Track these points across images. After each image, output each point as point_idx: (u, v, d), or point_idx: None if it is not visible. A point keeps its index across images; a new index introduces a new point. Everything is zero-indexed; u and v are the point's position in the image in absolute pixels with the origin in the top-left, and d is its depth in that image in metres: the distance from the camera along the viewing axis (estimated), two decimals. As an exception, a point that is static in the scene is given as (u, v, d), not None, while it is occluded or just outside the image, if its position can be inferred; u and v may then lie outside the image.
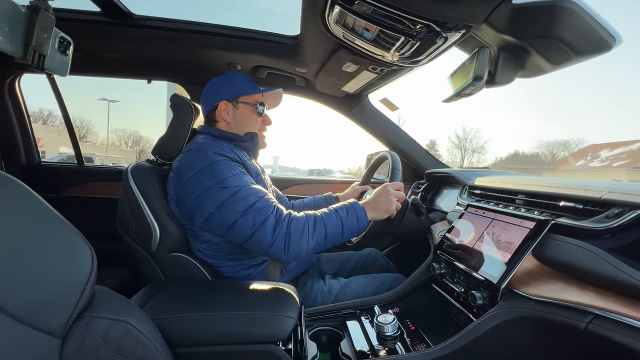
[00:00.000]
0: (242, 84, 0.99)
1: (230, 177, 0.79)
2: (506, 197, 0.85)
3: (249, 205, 0.76)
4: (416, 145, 1.62)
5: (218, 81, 1.00)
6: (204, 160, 0.81)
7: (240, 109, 0.98)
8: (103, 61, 1.34)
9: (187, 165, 0.82)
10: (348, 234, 0.82)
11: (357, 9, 0.73)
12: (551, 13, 0.63)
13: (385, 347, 0.71)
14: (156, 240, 0.82)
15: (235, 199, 0.76)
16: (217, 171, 0.79)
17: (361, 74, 1.16)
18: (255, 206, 0.76)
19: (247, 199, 0.77)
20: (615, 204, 0.55)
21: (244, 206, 0.76)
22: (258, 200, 0.77)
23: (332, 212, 0.83)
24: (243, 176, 0.82)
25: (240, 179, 0.80)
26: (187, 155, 0.86)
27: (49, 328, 0.40)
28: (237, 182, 0.79)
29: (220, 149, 0.85)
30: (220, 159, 0.82)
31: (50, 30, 0.57)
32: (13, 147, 1.57)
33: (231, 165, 0.82)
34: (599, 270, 0.50)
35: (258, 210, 0.76)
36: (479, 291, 0.67)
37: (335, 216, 0.81)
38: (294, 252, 0.76)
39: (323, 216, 0.81)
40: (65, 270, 0.42)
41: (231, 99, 0.97)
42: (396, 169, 1.02)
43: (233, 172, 0.80)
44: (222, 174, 0.79)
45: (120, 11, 1.04)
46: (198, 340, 0.62)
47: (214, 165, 0.80)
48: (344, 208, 0.84)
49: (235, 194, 0.77)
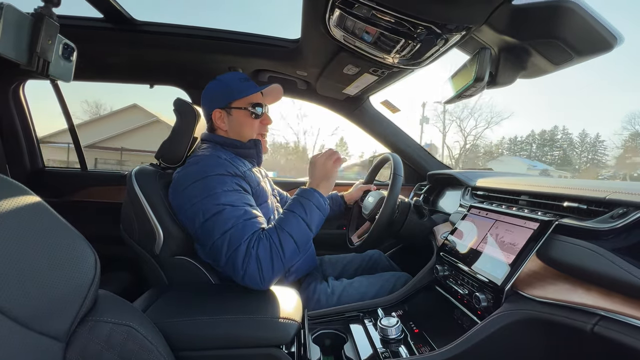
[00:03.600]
0: (232, 88, 0.95)
1: (219, 192, 0.77)
2: (509, 198, 0.84)
3: (228, 228, 0.73)
4: (418, 147, 1.62)
5: (210, 88, 0.97)
6: (198, 174, 0.80)
7: (234, 114, 0.95)
8: (106, 67, 1.35)
9: (183, 178, 0.82)
10: (316, 225, 0.80)
11: (357, 11, 0.74)
12: (551, 13, 0.63)
13: (389, 350, 0.71)
14: (160, 243, 0.82)
15: (217, 218, 0.74)
16: (208, 186, 0.78)
17: (362, 76, 1.17)
18: (232, 230, 0.73)
19: (228, 221, 0.74)
20: (620, 204, 0.54)
21: (223, 228, 0.73)
22: (239, 223, 0.74)
23: (289, 215, 0.78)
24: (234, 194, 0.79)
25: (230, 196, 0.78)
26: (186, 167, 0.85)
27: (52, 332, 0.40)
28: (225, 200, 0.76)
29: (217, 162, 0.83)
30: (214, 174, 0.80)
31: (54, 37, 0.58)
32: (17, 152, 1.59)
33: (224, 181, 0.80)
34: (604, 271, 0.50)
35: (233, 235, 0.73)
36: (483, 293, 0.67)
37: (294, 218, 0.77)
38: (270, 278, 0.72)
39: (284, 225, 0.76)
40: (68, 275, 0.42)
41: (223, 107, 0.95)
42: (397, 174, 1.01)
43: (224, 188, 0.78)
44: (213, 189, 0.77)
45: (122, 17, 1.05)
46: (201, 344, 0.62)
47: (206, 180, 0.78)
48: (298, 204, 0.80)
49: (218, 213, 0.74)
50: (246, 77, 0.98)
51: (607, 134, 35.87)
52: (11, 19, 0.51)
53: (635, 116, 24.50)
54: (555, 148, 33.23)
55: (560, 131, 33.63)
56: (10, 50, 0.51)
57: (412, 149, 1.61)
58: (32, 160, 1.63)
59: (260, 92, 0.98)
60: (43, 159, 1.69)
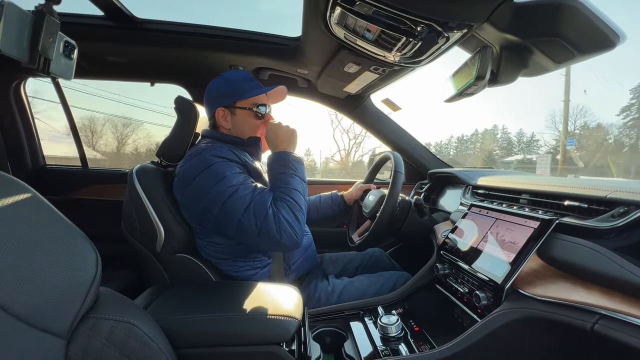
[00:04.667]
0: (238, 87, 0.96)
1: (228, 175, 0.80)
2: (510, 196, 0.84)
3: (248, 202, 0.78)
4: (419, 145, 1.62)
5: (214, 85, 0.98)
6: (203, 163, 0.82)
7: (238, 114, 0.96)
8: (107, 64, 1.35)
9: (188, 171, 0.83)
10: (305, 178, 0.88)
11: (358, 9, 0.73)
12: (553, 11, 0.63)
13: (389, 348, 0.71)
14: (161, 241, 0.83)
15: (235, 198, 0.78)
16: (215, 172, 0.80)
17: (363, 74, 1.16)
18: (252, 203, 0.78)
19: (245, 197, 0.78)
20: (621, 202, 0.54)
21: (243, 205, 0.77)
22: (255, 196, 0.79)
23: (281, 176, 0.84)
24: (241, 175, 0.83)
25: (238, 177, 0.82)
26: (188, 160, 0.86)
27: (54, 329, 0.40)
28: (235, 181, 0.80)
29: (219, 151, 0.85)
30: (218, 160, 0.82)
31: (55, 35, 0.58)
32: (19, 150, 1.59)
33: (229, 165, 0.83)
34: (605, 270, 0.50)
35: (256, 208, 0.77)
36: (483, 291, 0.67)
37: (289, 176, 0.84)
38: (301, 232, 0.80)
39: (285, 185, 0.83)
40: (70, 272, 0.42)
41: (227, 106, 0.96)
42: (398, 171, 1.01)
43: (231, 171, 0.82)
44: (221, 174, 0.80)
45: (123, 15, 1.05)
46: (202, 342, 0.62)
47: (212, 167, 0.81)
48: (281, 166, 0.86)
49: (234, 193, 0.78)
50: (251, 77, 0.99)
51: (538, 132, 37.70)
52: (12, 17, 0.51)
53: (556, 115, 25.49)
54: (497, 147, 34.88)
55: (500, 130, 35.72)
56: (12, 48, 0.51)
57: (412, 147, 1.61)
58: (33, 158, 1.64)
59: (264, 94, 0.99)
60: (44, 156, 1.70)
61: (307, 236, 1.09)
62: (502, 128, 39.62)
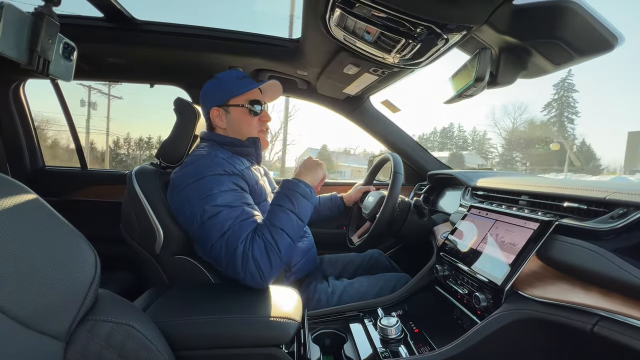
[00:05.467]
0: (230, 85, 0.94)
1: (215, 193, 0.77)
2: (509, 198, 0.84)
3: (225, 230, 0.74)
4: (418, 147, 1.62)
5: (208, 86, 0.97)
6: (194, 175, 0.80)
7: (232, 112, 0.95)
8: (106, 66, 1.35)
9: (180, 179, 0.82)
10: (306, 214, 0.80)
11: (358, 11, 0.74)
12: (552, 13, 0.63)
13: (388, 350, 0.71)
14: (160, 243, 0.82)
15: (214, 222, 0.75)
16: (203, 187, 0.77)
17: (362, 76, 1.16)
18: (229, 232, 0.74)
19: (225, 223, 0.74)
20: (620, 204, 0.54)
21: (220, 231, 0.74)
22: (235, 225, 0.74)
23: (277, 209, 0.78)
24: (231, 193, 0.79)
25: (226, 196, 0.78)
26: (183, 167, 0.85)
27: (52, 332, 0.40)
28: (220, 201, 0.76)
29: (213, 162, 0.83)
30: (210, 174, 0.80)
31: (54, 36, 0.58)
32: (18, 151, 1.59)
33: (221, 181, 0.79)
34: (604, 271, 0.50)
35: (230, 238, 0.73)
36: (482, 293, 0.67)
37: (282, 212, 0.77)
38: (269, 275, 0.73)
39: (274, 221, 0.76)
40: (68, 274, 0.42)
41: (221, 104, 0.94)
42: (398, 172, 1.02)
43: (221, 189, 0.78)
44: (208, 190, 0.77)
45: (123, 17, 1.05)
46: (201, 344, 0.62)
47: (202, 181, 0.78)
48: (284, 197, 0.79)
49: (214, 216, 0.75)
50: (244, 75, 0.98)
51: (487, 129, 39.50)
52: (11, 18, 0.51)
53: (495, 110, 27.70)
54: (453, 146, 35.92)
55: (456, 128, 37.45)
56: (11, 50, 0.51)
57: (412, 149, 1.61)
58: (32, 160, 1.63)
59: (259, 90, 0.97)
60: (43, 158, 1.69)
61: (308, 238, 1.08)
62: (458, 126, 41.28)
